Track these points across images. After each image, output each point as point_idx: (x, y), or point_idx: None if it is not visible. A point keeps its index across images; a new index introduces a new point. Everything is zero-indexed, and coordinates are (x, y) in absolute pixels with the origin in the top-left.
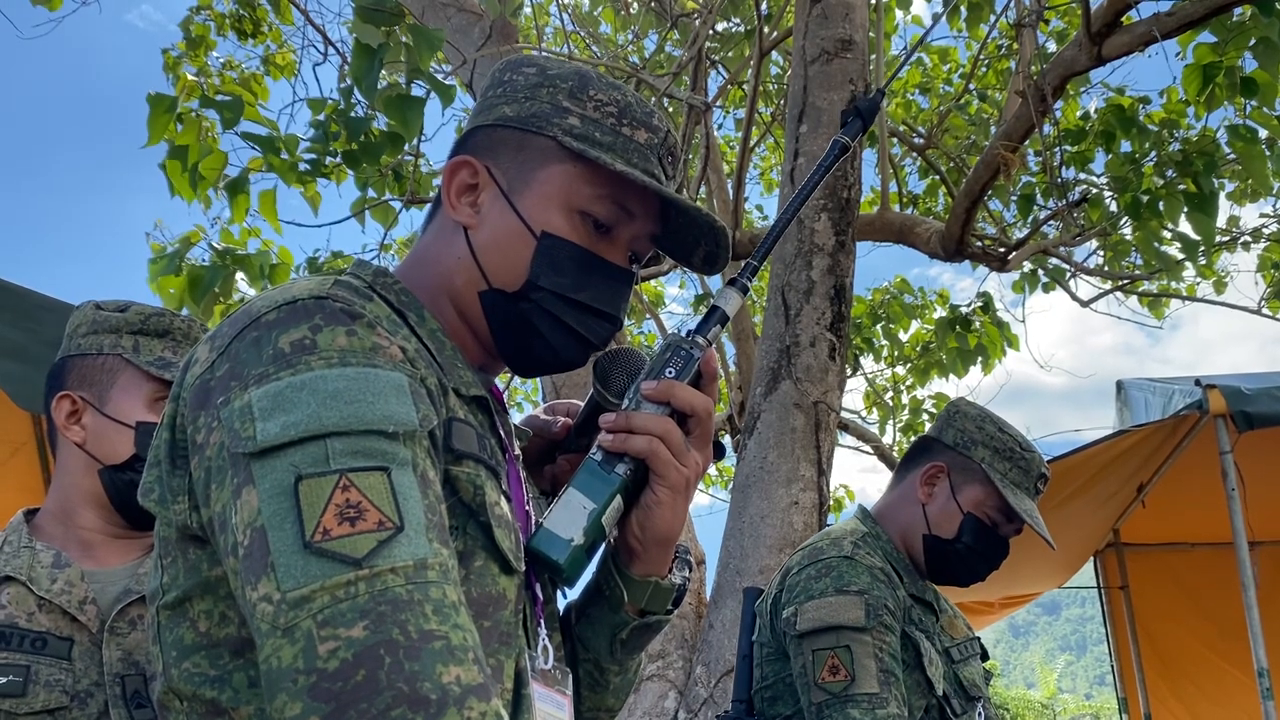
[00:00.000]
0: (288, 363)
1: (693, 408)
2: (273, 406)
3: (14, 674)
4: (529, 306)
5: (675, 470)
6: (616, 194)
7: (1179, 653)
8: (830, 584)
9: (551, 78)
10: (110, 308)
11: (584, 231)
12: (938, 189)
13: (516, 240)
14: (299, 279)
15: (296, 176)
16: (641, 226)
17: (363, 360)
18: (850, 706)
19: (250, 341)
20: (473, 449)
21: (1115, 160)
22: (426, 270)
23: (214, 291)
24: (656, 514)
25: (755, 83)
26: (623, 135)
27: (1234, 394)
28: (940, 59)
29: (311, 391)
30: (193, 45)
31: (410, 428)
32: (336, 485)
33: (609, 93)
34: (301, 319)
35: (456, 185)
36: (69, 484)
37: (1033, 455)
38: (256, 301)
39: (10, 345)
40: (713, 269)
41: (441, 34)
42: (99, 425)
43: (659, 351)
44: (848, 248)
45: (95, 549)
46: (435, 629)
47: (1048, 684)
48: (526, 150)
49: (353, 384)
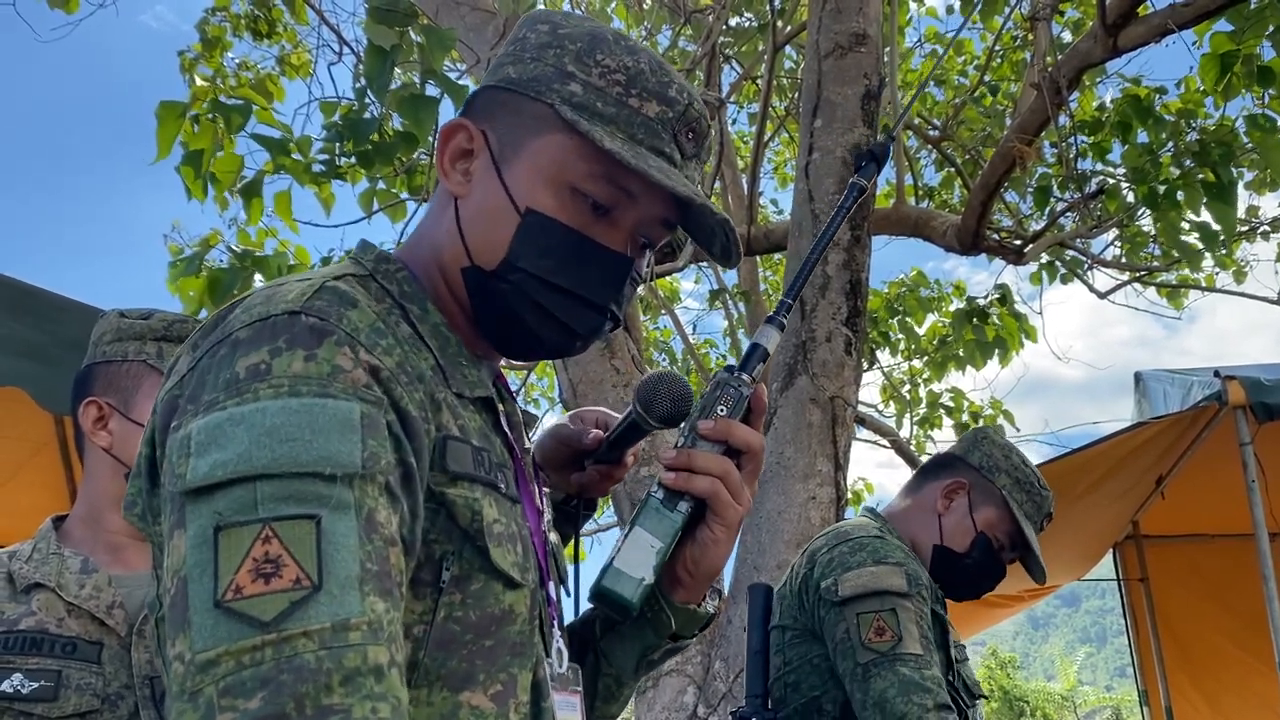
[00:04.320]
0: (237, 390)
1: (748, 446)
2: (208, 441)
3: (46, 679)
4: (507, 288)
5: (732, 510)
6: (614, 173)
7: (1199, 645)
8: (868, 556)
9: (561, 37)
10: (134, 315)
11: (577, 211)
12: (953, 181)
13: (500, 215)
14: (292, 278)
15: (310, 178)
16: (647, 210)
17: (314, 389)
18: (899, 664)
19: (217, 361)
20: (468, 468)
21: (1132, 151)
22: (422, 245)
23: (233, 293)
24: (711, 551)
25: (769, 78)
26: (629, 107)
27: (1254, 385)
28: (955, 51)
29: (248, 426)
30: (208, 46)
31: (351, 469)
32: (258, 537)
33: (619, 58)
34: (265, 340)
35: (451, 150)
36: (97, 488)
37: (1047, 494)
38: (240, 310)
39: (31, 346)
40: (727, 262)
41: (453, 34)
42: (125, 430)
43: (710, 389)
44: (863, 242)
45: (123, 552)
46: (337, 703)
47: (1068, 676)
48: (522, 116)
49: (294, 418)
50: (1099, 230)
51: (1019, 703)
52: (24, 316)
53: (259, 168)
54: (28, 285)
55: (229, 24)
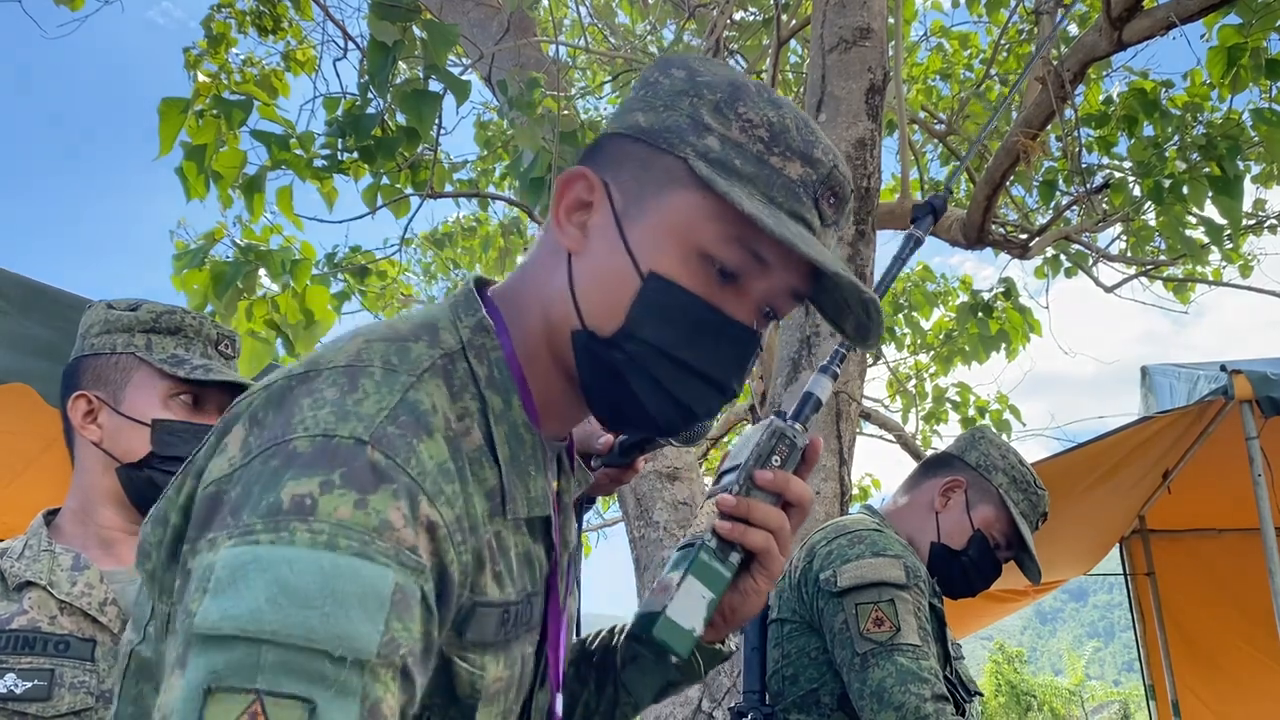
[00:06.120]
0: (275, 524)
1: (801, 500)
2: (228, 581)
3: (39, 678)
4: (621, 358)
5: (779, 564)
6: (749, 237)
7: (1206, 639)
8: (866, 549)
9: (699, 85)
10: (122, 306)
11: (704, 277)
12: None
13: (619, 277)
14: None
15: (313, 173)
16: (780, 279)
17: (354, 545)
18: (897, 654)
19: (269, 472)
20: (487, 637)
21: (1138, 145)
22: (529, 298)
23: (237, 287)
24: (751, 600)
25: (774, 72)
26: (769, 166)
27: (1260, 379)
28: (961, 44)
29: (270, 579)
30: (214, 43)
31: (364, 655)
32: (247, 710)
33: (762, 111)
34: (321, 467)
35: (568, 201)
36: (88, 483)
37: (1043, 494)
38: (309, 402)
39: (40, 343)
40: (864, 343)
41: (456, 29)
42: (115, 424)
43: (764, 438)
44: (868, 237)
45: (116, 547)
46: None
47: (1075, 670)
48: (652, 170)
49: (320, 580)
50: (1105, 224)
51: (1026, 697)
52: (33, 314)
53: (261, 163)
54: (36, 283)
55: (234, 20)
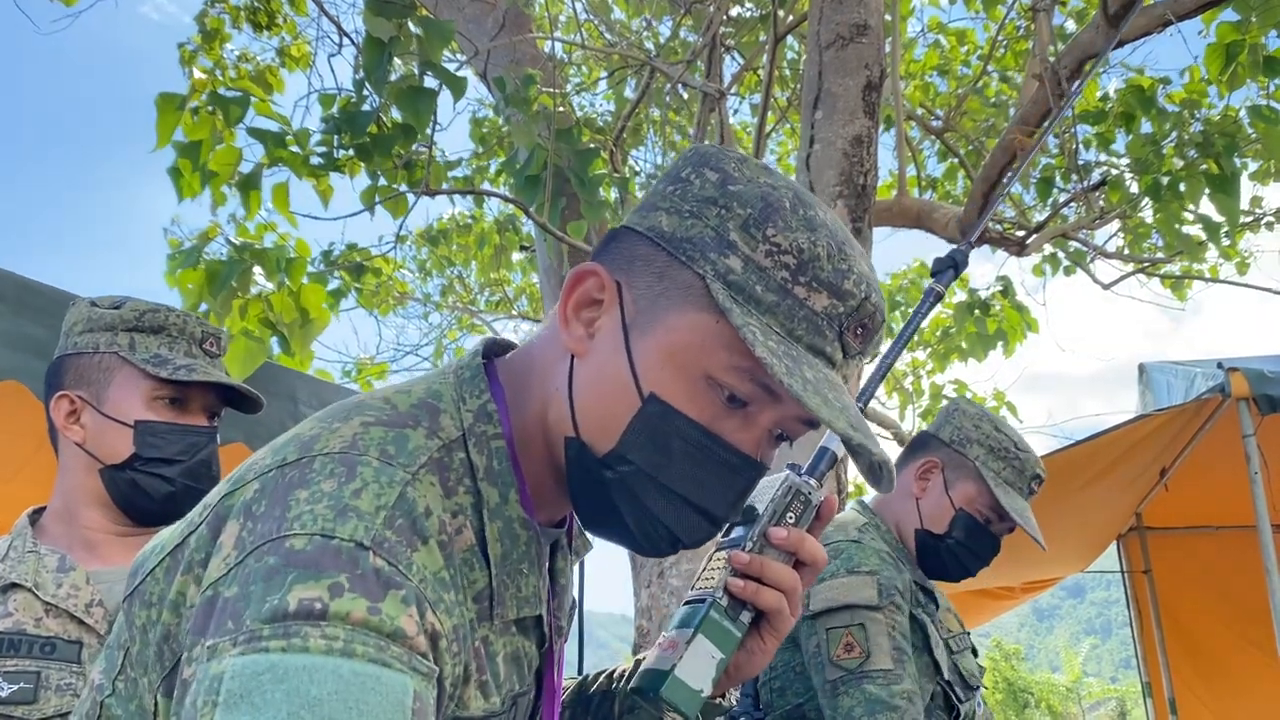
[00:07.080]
0: (284, 630)
1: (814, 560)
2: (242, 695)
3: (25, 681)
4: (611, 478)
5: (788, 624)
6: (760, 371)
7: (1203, 636)
8: (840, 565)
9: (730, 196)
10: (105, 304)
11: (708, 401)
12: (956, 172)
13: (618, 393)
14: (371, 414)
15: (308, 170)
16: (792, 409)
17: (371, 652)
18: (866, 682)
19: (266, 570)
20: None
21: (1136, 141)
22: (530, 383)
23: (231, 285)
24: (758, 658)
25: (770, 69)
26: (793, 296)
27: (1257, 377)
28: (958, 41)
29: (289, 691)
30: (208, 38)
31: None
32: None
33: (793, 235)
34: (326, 569)
35: (578, 296)
36: (71, 484)
37: (1027, 456)
38: (306, 495)
39: (34, 342)
40: (876, 486)
41: (452, 25)
42: (98, 424)
43: (780, 494)
44: (865, 234)
45: (100, 548)
46: None
47: (1072, 668)
48: (666, 281)
49: (343, 692)
50: (1102, 221)
51: (1024, 694)
52: (26, 311)
53: (257, 160)
54: (30, 280)
55: (228, 16)
